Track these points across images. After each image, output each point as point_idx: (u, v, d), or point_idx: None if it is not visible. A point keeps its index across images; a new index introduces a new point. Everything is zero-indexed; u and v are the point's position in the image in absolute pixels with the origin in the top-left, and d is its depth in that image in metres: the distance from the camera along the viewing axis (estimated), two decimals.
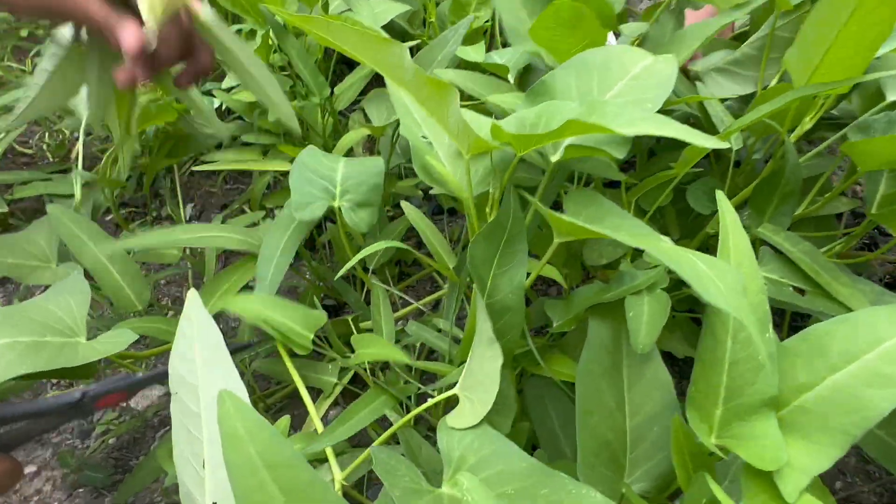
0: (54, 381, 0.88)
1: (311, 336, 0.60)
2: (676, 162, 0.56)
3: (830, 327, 0.40)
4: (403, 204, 0.65)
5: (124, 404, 0.85)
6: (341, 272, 0.54)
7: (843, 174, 0.75)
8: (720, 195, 0.44)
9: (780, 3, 0.59)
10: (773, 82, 0.60)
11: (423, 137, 0.55)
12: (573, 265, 0.69)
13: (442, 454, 0.42)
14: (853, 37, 0.44)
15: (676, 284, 0.57)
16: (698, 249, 0.73)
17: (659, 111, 0.46)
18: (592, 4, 0.54)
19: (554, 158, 0.47)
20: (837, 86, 0.47)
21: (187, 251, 1.01)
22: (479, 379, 0.44)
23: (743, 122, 0.51)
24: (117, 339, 0.53)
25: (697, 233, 0.70)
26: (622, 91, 0.48)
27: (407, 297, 0.71)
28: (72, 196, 0.97)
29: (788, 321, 0.75)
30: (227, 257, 1.05)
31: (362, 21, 0.79)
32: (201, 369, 0.43)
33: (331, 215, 0.72)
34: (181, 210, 1.12)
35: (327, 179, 0.64)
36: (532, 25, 0.56)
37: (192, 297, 0.45)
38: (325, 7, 0.78)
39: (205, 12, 0.53)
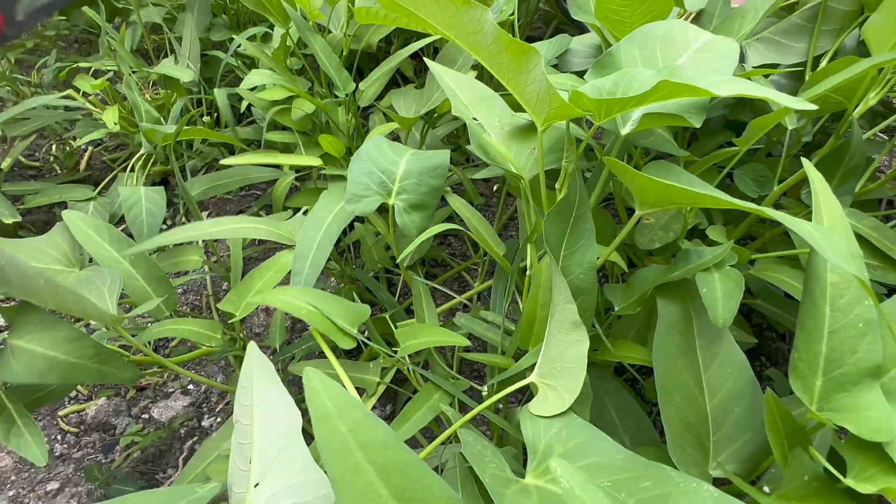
0: None
1: (356, 330, 0.57)
2: (722, 145, 0.54)
3: None
4: (448, 195, 0.63)
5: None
6: (403, 254, 0.52)
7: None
8: (807, 163, 0.42)
9: None
10: (826, 60, 0.59)
11: (474, 119, 0.54)
12: (619, 253, 0.67)
13: (527, 443, 0.40)
14: None
15: None
16: (742, 237, 0.72)
17: None
18: None
19: (624, 131, 0.46)
20: None
21: (212, 256, 0.98)
22: (563, 365, 0.42)
23: (816, 92, 0.50)
24: None
25: (742, 220, 0.68)
26: (687, 63, 0.47)
27: (446, 291, 0.69)
28: (88, 201, 0.94)
29: None
30: (247, 264, 1.02)
31: None
32: (256, 393, 0.40)
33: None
34: (196, 218, 1.09)
35: (387, 174, 0.61)
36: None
37: (252, 349, 0.42)
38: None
39: None
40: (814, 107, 0.38)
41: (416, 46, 0.79)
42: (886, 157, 0.96)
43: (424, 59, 0.60)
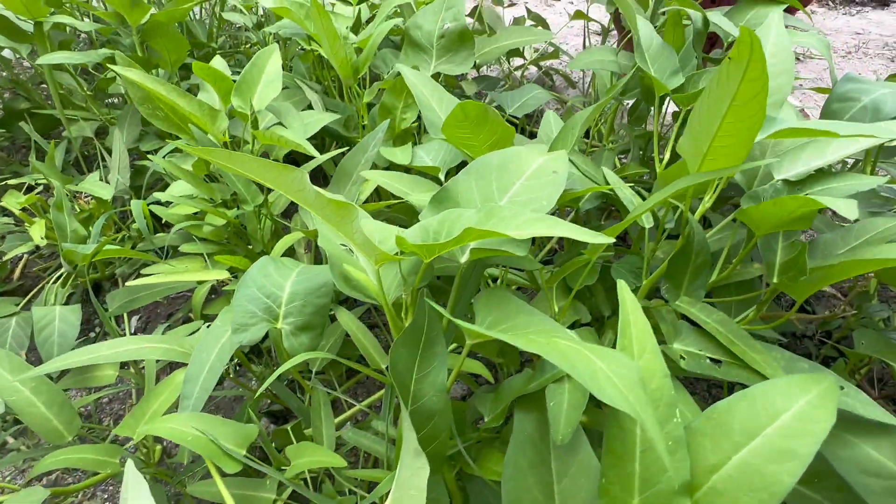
0: None
1: (243, 452, 0.58)
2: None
3: (731, 404, 0.41)
4: (337, 310, 0.65)
5: None
6: (267, 383, 0.54)
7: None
8: (621, 284, 0.46)
9: (658, 87, 0.65)
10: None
11: (343, 245, 0.57)
12: (510, 352, 0.70)
13: None
14: (732, 128, 0.48)
15: None
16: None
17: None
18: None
19: (463, 259, 0.49)
20: (724, 173, 0.51)
21: (130, 367, 0.99)
22: (408, 492, 0.43)
23: (646, 206, 0.54)
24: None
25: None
26: (520, 191, 0.51)
27: (350, 400, 0.70)
28: (11, 316, 0.94)
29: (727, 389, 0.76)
30: (173, 369, 1.03)
31: (292, 132, 0.83)
32: None
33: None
34: (126, 323, 1.10)
35: (272, 298, 0.63)
36: (443, 124, 0.60)
37: (129, 468, 0.43)
38: (255, 123, 0.82)
39: None
40: (609, 239, 0.42)
41: (320, 160, 0.83)
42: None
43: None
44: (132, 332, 1.11)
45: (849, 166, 1.03)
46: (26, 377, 0.69)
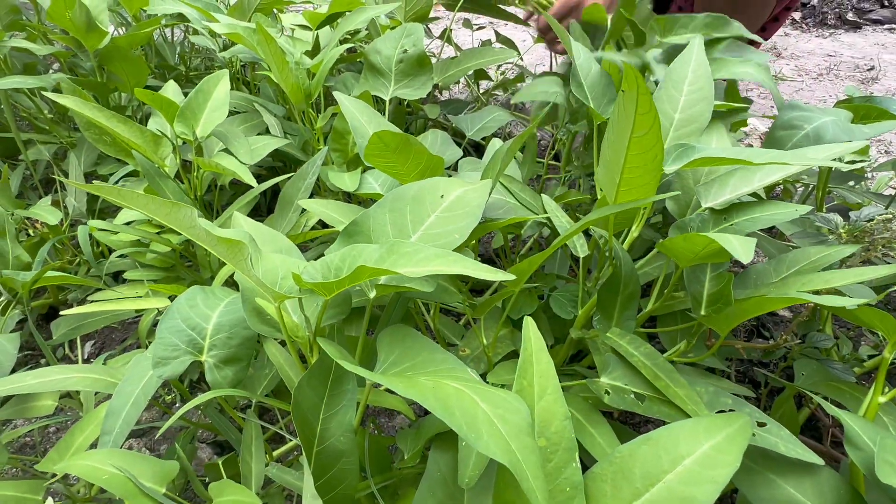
0: None
1: (163, 489, 0.56)
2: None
3: (634, 447, 0.40)
4: (265, 343, 0.64)
5: None
6: (170, 422, 0.52)
7: None
8: (527, 321, 0.45)
9: (595, 117, 0.64)
10: None
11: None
12: None
13: None
14: (637, 159, 0.47)
15: None
16: (571, 354, 0.74)
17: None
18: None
19: (371, 295, 0.48)
20: (637, 204, 0.50)
21: (72, 396, 0.97)
22: None
23: (568, 235, 0.54)
24: None
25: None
26: (434, 223, 0.50)
27: (287, 435, 0.69)
28: None
29: None
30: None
31: (234, 160, 0.82)
32: None
33: None
34: (79, 349, 1.08)
35: (197, 330, 0.61)
36: (365, 153, 0.59)
37: None
38: (199, 150, 0.81)
39: None
40: (508, 277, 0.41)
41: (262, 187, 0.82)
42: None
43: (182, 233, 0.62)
44: (85, 357, 1.09)
45: (810, 189, 1.03)
46: None
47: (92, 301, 0.95)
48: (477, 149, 1.57)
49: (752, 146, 1.61)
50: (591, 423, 0.53)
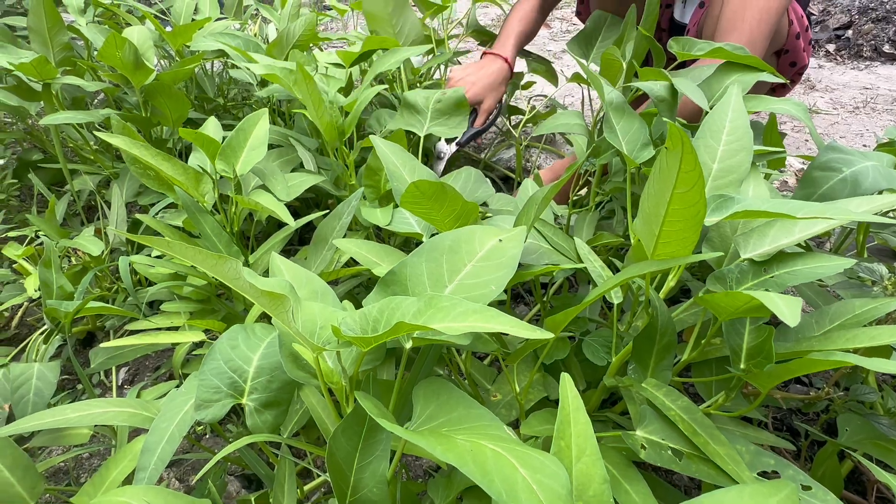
0: None
1: None
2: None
3: None
4: (303, 391, 0.64)
5: None
6: (208, 466, 0.53)
7: None
8: (564, 379, 0.44)
9: (628, 162, 0.64)
10: None
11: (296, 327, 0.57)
12: None
13: None
14: (679, 214, 0.47)
15: None
16: (603, 398, 0.73)
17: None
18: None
19: (408, 346, 0.48)
20: (678, 262, 0.50)
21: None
22: None
23: (605, 289, 0.53)
24: None
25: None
26: (470, 273, 0.51)
27: (317, 471, 0.69)
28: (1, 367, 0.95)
29: None
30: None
31: (271, 197, 0.84)
32: None
33: None
34: (114, 375, 1.11)
35: (238, 373, 0.61)
36: (401, 200, 0.60)
37: None
38: (239, 187, 0.83)
39: None
40: (545, 335, 0.41)
41: (297, 224, 0.84)
42: None
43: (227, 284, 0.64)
44: (119, 384, 1.12)
45: (848, 232, 1.01)
46: None
47: (129, 329, 0.97)
48: (505, 180, 1.58)
49: (786, 182, 1.58)
50: (627, 479, 0.52)
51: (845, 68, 2.33)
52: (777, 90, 1.32)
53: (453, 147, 1.29)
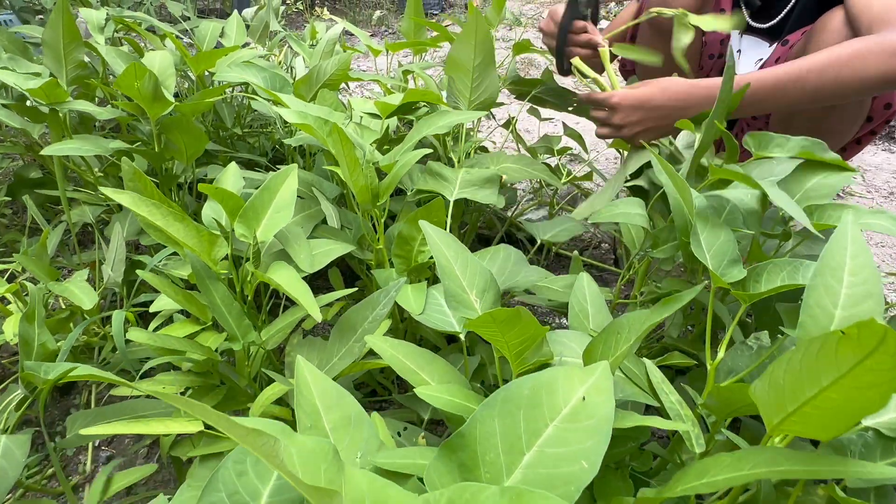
0: None
1: None
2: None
3: None
4: None
5: None
6: None
7: None
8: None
9: (715, 280, 0.55)
10: None
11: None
12: None
13: None
14: (833, 402, 0.38)
15: None
16: None
17: None
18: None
19: None
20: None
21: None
22: None
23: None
24: None
25: None
26: (553, 438, 0.41)
27: None
28: None
29: None
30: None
31: (297, 263, 0.75)
32: None
33: None
34: (89, 453, 0.99)
35: None
36: (468, 323, 0.51)
37: None
38: (257, 256, 0.73)
39: None
40: None
41: (317, 316, 0.73)
42: None
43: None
44: (96, 444, 1.00)
45: None
46: None
47: (113, 395, 0.86)
48: (532, 241, 1.49)
49: None
50: None
51: (876, 149, 2.28)
52: (863, 139, 1.21)
53: None
